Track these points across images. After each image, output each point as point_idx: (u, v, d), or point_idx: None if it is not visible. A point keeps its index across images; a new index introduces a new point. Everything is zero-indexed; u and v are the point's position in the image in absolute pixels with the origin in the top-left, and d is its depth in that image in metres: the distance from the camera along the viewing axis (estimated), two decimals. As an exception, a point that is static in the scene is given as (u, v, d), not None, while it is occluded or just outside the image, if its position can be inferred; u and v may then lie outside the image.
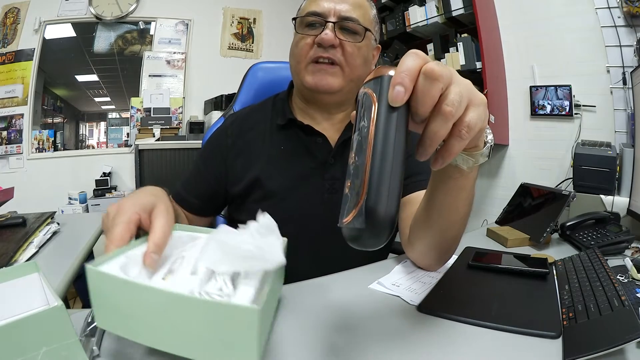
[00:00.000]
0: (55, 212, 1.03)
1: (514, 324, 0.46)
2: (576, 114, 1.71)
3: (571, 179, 1.30)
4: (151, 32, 3.08)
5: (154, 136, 2.85)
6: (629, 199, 0.98)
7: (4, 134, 2.74)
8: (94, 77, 3.03)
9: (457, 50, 1.88)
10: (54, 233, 0.94)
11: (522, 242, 0.86)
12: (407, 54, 0.33)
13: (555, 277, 0.61)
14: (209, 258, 0.38)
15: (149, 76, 3.06)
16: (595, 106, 1.65)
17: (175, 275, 0.40)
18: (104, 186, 2.82)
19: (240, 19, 3.28)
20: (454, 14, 1.87)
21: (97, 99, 3.08)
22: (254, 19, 3.32)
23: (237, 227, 0.39)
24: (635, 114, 1.05)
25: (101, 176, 2.86)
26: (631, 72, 1.22)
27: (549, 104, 1.79)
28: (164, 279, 0.39)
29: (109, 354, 0.40)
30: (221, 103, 2.80)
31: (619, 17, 1.52)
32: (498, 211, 1.09)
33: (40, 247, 0.84)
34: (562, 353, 0.41)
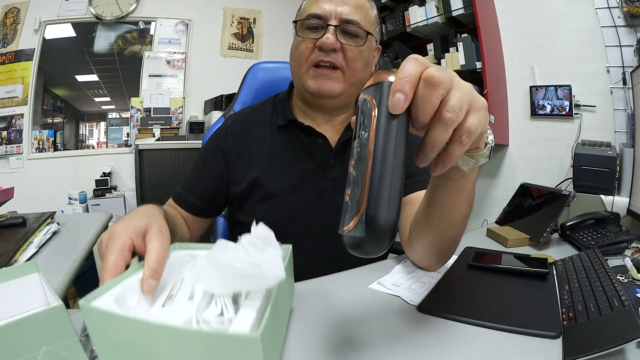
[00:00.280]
0: (55, 212, 1.03)
1: (514, 324, 0.46)
2: (576, 114, 1.71)
3: (571, 179, 1.30)
4: (151, 32, 3.08)
5: (154, 136, 2.85)
6: (629, 199, 0.98)
7: (4, 134, 2.74)
8: (94, 77, 3.02)
9: (457, 50, 1.88)
10: (54, 233, 0.94)
11: (522, 242, 0.86)
12: (407, 59, 0.33)
13: (555, 277, 0.61)
14: (205, 280, 0.36)
15: (149, 76, 3.06)
16: (595, 106, 1.65)
17: (174, 301, 0.37)
18: (104, 186, 2.82)
19: (240, 19, 3.28)
20: (454, 14, 1.87)
21: (97, 99, 3.07)
22: (254, 19, 3.32)
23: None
24: (635, 114, 1.05)
25: (101, 176, 2.86)
26: (631, 72, 1.22)
27: (549, 104, 1.79)
28: (164, 305, 0.37)
29: (109, 354, 0.40)
30: (221, 103, 2.80)
31: (619, 17, 1.52)
32: (498, 211, 1.09)
33: (40, 247, 0.85)
34: (562, 353, 0.41)
